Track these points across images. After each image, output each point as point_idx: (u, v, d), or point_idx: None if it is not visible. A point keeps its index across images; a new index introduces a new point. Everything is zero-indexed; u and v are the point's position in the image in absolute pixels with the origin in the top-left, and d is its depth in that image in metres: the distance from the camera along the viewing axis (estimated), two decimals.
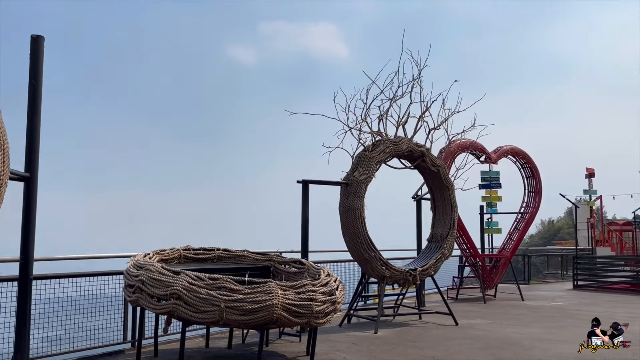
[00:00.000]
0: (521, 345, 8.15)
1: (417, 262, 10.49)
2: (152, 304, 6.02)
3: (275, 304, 5.85)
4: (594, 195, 24.49)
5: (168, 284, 5.87)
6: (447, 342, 8.38)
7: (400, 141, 10.04)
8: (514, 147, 15.25)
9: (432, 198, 11.03)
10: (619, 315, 11.66)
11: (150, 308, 6.11)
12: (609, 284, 18.20)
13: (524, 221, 15.44)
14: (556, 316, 11.47)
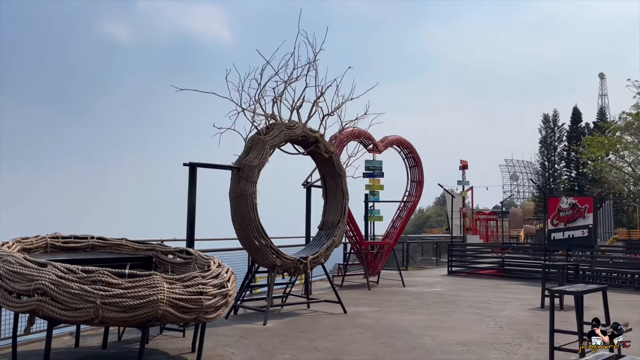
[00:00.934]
0: (410, 333, 8.19)
1: (307, 250, 10.25)
2: (11, 302, 5.13)
3: (161, 299, 5.24)
4: (466, 186, 25.98)
5: (31, 278, 5.02)
6: (338, 332, 8.21)
7: (294, 125, 9.69)
8: (399, 137, 15.55)
9: (324, 185, 10.83)
10: (492, 300, 12.30)
11: (8, 306, 5.22)
12: (479, 270, 19.35)
13: (406, 209, 15.84)
14: (437, 302, 11.82)
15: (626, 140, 40.47)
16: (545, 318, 9.81)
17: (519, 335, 8.14)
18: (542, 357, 6.75)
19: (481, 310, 10.63)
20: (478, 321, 9.42)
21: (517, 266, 19.14)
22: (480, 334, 8.20)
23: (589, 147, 44.82)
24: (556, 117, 67.14)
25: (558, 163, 67.03)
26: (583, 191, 58.76)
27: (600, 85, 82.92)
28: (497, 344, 7.50)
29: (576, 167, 61.93)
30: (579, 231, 16.30)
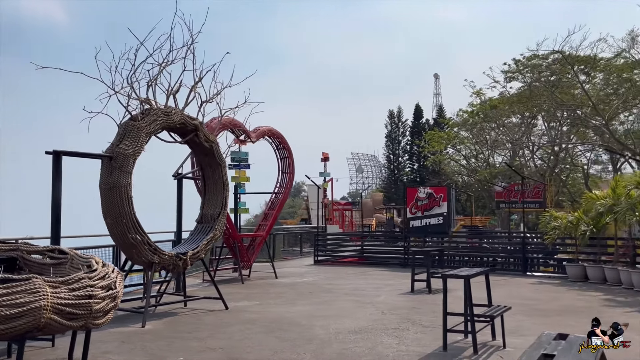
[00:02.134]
0: (300, 325, 8.10)
1: (186, 245, 9.67)
2: None
3: (44, 305, 4.52)
4: (327, 177, 26.63)
5: None
6: (226, 330, 7.84)
7: (172, 112, 9.05)
8: (271, 128, 15.38)
9: (203, 176, 10.31)
10: (364, 287, 12.68)
11: None
12: (342, 258, 19.94)
13: (278, 201, 15.75)
14: (314, 292, 11.89)
15: (462, 136, 44.29)
16: (420, 302, 10.40)
17: (403, 320, 8.43)
18: (432, 339, 7.03)
19: (359, 298, 10.88)
20: (359, 308, 9.62)
21: (375, 253, 20.04)
22: (366, 321, 8.36)
23: (430, 142, 48.44)
24: (400, 114, 71.72)
25: (402, 156, 71.66)
26: (424, 182, 63.54)
27: (435, 84, 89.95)
28: (387, 330, 7.69)
29: (418, 160, 66.66)
30: (435, 219, 17.49)
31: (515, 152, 41.54)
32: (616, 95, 30.68)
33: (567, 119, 35.29)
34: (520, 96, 35.48)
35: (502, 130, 40.48)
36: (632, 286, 11.64)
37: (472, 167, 45.62)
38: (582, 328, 7.50)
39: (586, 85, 33.29)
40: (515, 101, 35.56)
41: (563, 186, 38.49)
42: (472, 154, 45.79)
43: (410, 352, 6.40)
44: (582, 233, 13.11)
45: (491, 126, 40.76)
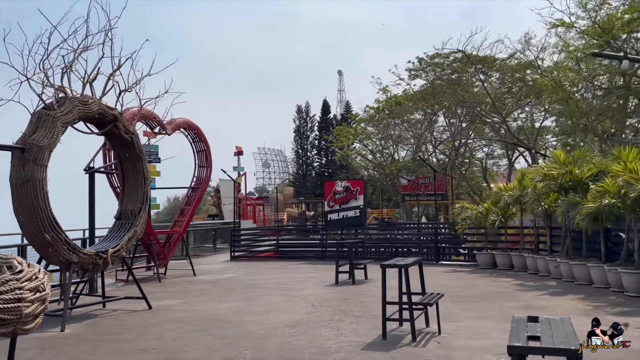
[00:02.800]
0: (232, 322, 7.91)
1: (106, 243, 9.12)
2: None
3: None
4: (241, 171, 26.28)
5: None
6: (155, 330, 7.49)
7: (90, 101, 8.48)
8: (187, 120, 14.87)
9: (121, 170, 9.75)
10: (288, 281, 12.65)
11: None
12: (259, 253, 19.79)
13: (195, 196, 15.29)
14: (238, 288, 11.68)
15: (369, 131, 45.38)
16: (346, 293, 10.53)
17: (335, 312, 8.48)
18: (368, 329, 7.12)
19: (286, 292, 10.82)
20: (289, 302, 9.57)
21: (292, 247, 20.11)
22: (300, 315, 8.32)
23: (339, 137, 49.22)
24: (308, 109, 72.21)
25: (310, 151, 72.24)
26: (332, 177, 64.47)
27: (339, 81, 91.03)
28: (322, 322, 7.69)
29: (326, 155, 67.46)
30: (352, 211, 17.80)
31: (418, 147, 43.19)
32: (510, 93, 32.70)
33: (466, 116, 37.17)
34: (423, 93, 36.88)
35: (405, 126, 41.93)
36: (537, 271, 12.48)
37: (378, 161, 46.85)
38: (507, 311, 7.97)
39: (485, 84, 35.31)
40: (419, 98, 36.92)
41: (462, 179, 40.51)
42: (377, 149, 47.03)
43: (351, 342, 6.44)
44: (491, 223, 13.87)
45: (395, 122, 42.09)
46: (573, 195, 11.05)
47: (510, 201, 13.47)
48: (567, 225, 11.23)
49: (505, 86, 33.70)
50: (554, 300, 9.12)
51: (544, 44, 28.41)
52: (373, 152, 47.37)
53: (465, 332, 6.87)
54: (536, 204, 12.07)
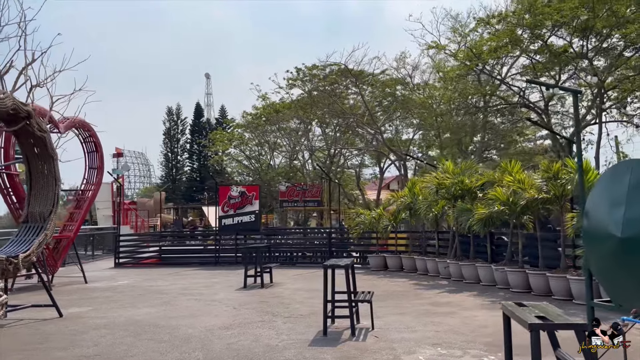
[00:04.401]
0: (162, 326, 7.82)
1: (14, 247, 8.50)
2: None
3: None
4: (120, 174, 25.15)
5: None
6: (84, 337, 7.19)
7: (3, 96, 7.92)
8: (81, 119, 14.07)
9: (28, 170, 9.13)
10: (194, 286, 12.56)
11: None
12: (143, 260, 19.22)
13: (86, 199, 14.52)
14: (145, 294, 11.37)
15: (246, 137, 45.56)
16: (261, 296, 10.81)
17: (261, 313, 8.72)
18: (304, 327, 7.50)
19: (198, 297, 10.77)
20: (209, 306, 9.60)
21: (175, 253, 19.87)
22: (227, 317, 8.44)
23: (216, 142, 48.81)
24: (179, 111, 70.42)
25: (181, 155, 70.49)
26: (204, 181, 63.52)
27: (206, 84, 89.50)
28: (254, 323, 7.90)
29: (199, 159, 66.33)
30: (247, 216, 17.98)
31: (293, 154, 44.27)
32: (381, 106, 34.86)
33: (340, 126, 38.86)
34: (300, 102, 37.94)
35: (281, 134, 42.81)
36: (427, 272, 13.67)
37: (254, 167, 47.11)
38: (419, 307, 8.83)
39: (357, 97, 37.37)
40: (295, 106, 37.89)
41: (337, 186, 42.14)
42: (254, 155, 47.28)
43: (294, 339, 6.76)
44: (384, 227, 14.89)
45: (272, 129, 42.81)
46: (461, 202, 12.35)
47: (402, 207, 14.59)
48: (456, 229, 12.48)
49: (376, 99, 35.88)
50: (454, 297, 10.16)
51: (417, 63, 30.81)
52: (249, 157, 47.55)
53: (394, 326, 7.50)
54: (428, 211, 13.23)
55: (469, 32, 23.54)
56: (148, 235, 24.11)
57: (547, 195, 9.57)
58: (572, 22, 19.35)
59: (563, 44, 21.26)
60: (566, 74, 22.52)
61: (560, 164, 10.00)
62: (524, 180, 10.07)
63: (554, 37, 21.36)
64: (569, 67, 21.86)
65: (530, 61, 22.10)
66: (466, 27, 24.96)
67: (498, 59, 22.01)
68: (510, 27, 20.80)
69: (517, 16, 20.73)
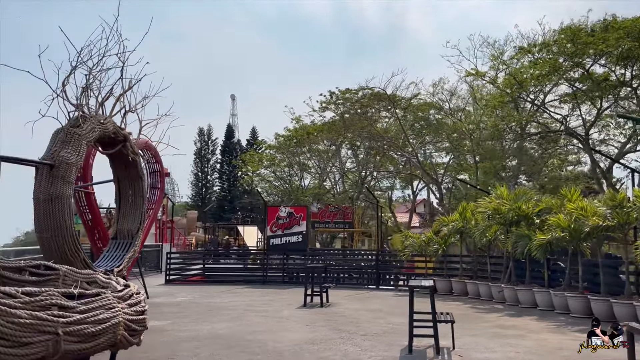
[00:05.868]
0: (249, 340, 8.25)
1: (108, 262, 9.10)
2: None
3: (120, 322, 4.33)
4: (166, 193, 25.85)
5: None
6: (180, 347, 7.66)
7: (106, 121, 8.58)
8: (147, 140, 14.79)
9: (118, 190, 9.78)
10: (255, 304, 13.00)
11: None
12: (190, 277, 19.80)
13: (148, 217, 15.13)
14: (212, 310, 11.82)
15: (278, 158, 46.30)
16: (326, 315, 11.20)
17: (336, 331, 9.10)
18: (386, 346, 7.88)
19: (265, 313, 11.21)
20: (281, 323, 10.02)
21: (219, 271, 20.36)
22: (306, 333, 8.85)
23: (248, 162, 49.65)
24: (210, 132, 71.64)
25: (211, 174, 71.52)
26: (233, 201, 64.32)
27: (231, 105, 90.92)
28: (335, 340, 8.30)
29: (228, 179, 67.21)
30: (295, 237, 18.45)
31: (323, 175, 44.80)
32: (412, 130, 35.26)
33: (371, 149, 39.33)
34: (332, 125, 38.53)
35: (309, 155, 43.43)
36: (478, 295, 13.92)
37: (284, 188, 47.68)
38: (488, 330, 9.13)
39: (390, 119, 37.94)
40: (328, 129, 38.45)
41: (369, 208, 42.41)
42: (284, 175, 47.87)
43: (382, 356, 7.15)
44: (434, 251, 15.22)
45: (302, 150, 43.49)
46: (516, 228, 12.67)
47: (452, 231, 14.93)
48: (511, 254, 12.77)
49: (408, 122, 36.34)
50: (518, 321, 10.43)
51: (455, 88, 31.31)
52: (280, 178, 48.15)
53: (472, 347, 7.84)
54: (482, 235, 13.56)
55: (510, 61, 23.95)
56: (195, 254, 24.72)
57: (611, 223, 9.87)
58: (615, 50, 19.69)
59: (603, 71, 21.58)
60: (608, 102, 22.77)
61: (624, 194, 10.33)
62: (587, 208, 10.38)
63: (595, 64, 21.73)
64: (610, 95, 22.14)
65: (572, 88, 22.44)
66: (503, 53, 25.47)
67: (539, 86, 22.38)
68: (553, 55, 21.21)
69: (559, 45, 21.15)
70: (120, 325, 4.32)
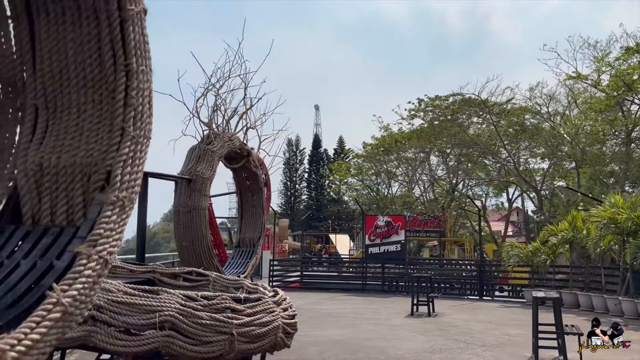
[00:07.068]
0: (369, 347, 8.53)
1: (234, 269, 9.70)
2: (123, 341, 4.01)
3: (279, 325, 4.72)
4: None
5: (152, 308, 4.04)
6: (307, 351, 8.07)
7: (234, 138, 9.20)
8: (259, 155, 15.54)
9: (240, 201, 10.42)
10: (361, 311, 13.28)
11: (117, 347, 4.05)
12: (290, 283, 20.43)
13: None
14: (321, 317, 12.25)
15: (366, 167, 46.53)
16: (436, 324, 11.25)
17: (452, 341, 9.19)
18: (507, 356, 7.86)
19: (375, 321, 11.46)
20: (394, 331, 10.23)
21: (316, 279, 20.80)
22: (423, 342, 9.00)
23: (336, 171, 50.21)
24: (298, 142, 73.15)
25: (299, 183, 72.92)
26: (321, 209, 65.18)
27: (315, 115, 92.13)
28: (453, 349, 8.40)
29: (316, 188, 68.24)
30: (393, 246, 18.58)
31: (411, 183, 44.45)
32: (506, 135, 34.20)
33: (461, 155, 38.61)
34: (421, 132, 38.20)
35: (396, 163, 43.24)
36: (591, 308, 13.41)
37: (371, 196, 47.79)
38: None
39: (482, 125, 37.10)
40: (417, 136, 38.15)
41: (461, 217, 41.62)
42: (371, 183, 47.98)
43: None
44: (542, 261, 14.82)
45: (389, 158, 43.43)
46: (633, 238, 12.13)
47: (561, 241, 14.49)
48: (630, 265, 12.23)
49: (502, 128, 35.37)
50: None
51: (554, 92, 30.23)
52: (368, 187, 48.33)
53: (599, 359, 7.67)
54: (595, 245, 13.08)
55: (616, 62, 22.84)
56: (294, 261, 25.47)
57: None
58: None
59: None
60: None
61: None
62: None
63: None
64: None
65: None
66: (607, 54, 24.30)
67: None
68: None
69: None
70: (279, 328, 4.70)
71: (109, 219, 2.03)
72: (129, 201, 2.17)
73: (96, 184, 2.09)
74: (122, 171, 2.09)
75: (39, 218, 2.13)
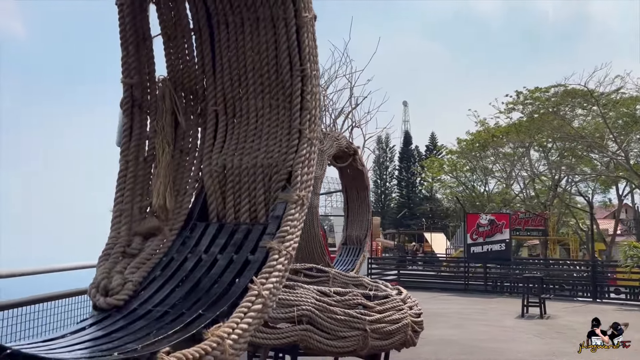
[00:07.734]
0: (485, 348, 8.34)
1: (342, 267, 9.83)
2: (264, 334, 4.21)
3: (408, 323, 4.73)
4: None
5: (290, 303, 4.19)
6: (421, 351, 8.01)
7: (340, 137, 9.32)
8: None
9: (346, 199, 10.54)
10: (465, 312, 12.99)
11: (258, 340, 4.26)
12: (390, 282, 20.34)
13: None
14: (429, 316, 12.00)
15: (461, 163, 45.26)
16: (549, 326, 10.77)
17: (570, 344, 8.73)
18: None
19: (485, 322, 11.19)
20: (507, 332, 9.92)
21: (414, 277, 20.63)
22: (540, 345, 8.68)
23: (428, 168, 49.34)
24: (388, 139, 72.65)
25: (389, 181, 72.49)
26: (412, 208, 64.40)
27: (403, 111, 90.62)
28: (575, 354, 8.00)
29: (407, 186, 67.54)
30: (497, 245, 18.00)
31: (509, 180, 42.68)
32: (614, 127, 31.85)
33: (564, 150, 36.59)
34: (519, 126, 36.54)
35: (496, 159, 41.69)
36: None
37: (466, 194, 46.46)
38: None
39: (587, 117, 34.89)
40: (516, 130, 36.54)
41: (565, 215, 39.51)
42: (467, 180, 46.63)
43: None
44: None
45: (486, 154, 41.99)
46: None
47: None
48: None
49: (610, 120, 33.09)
50: None
51: None
52: (463, 184, 47.03)
53: None
54: None
55: None
56: (390, 259, 25.42)
57: None
58: None
59: None
60: None
61: None
62: None
63: None
64: None
65: None
66: None
67: None
68: None
69: None
70: (409, 325, 4.72)
71: (293, 216, 2.14)
72: (307, 199, 2.28)
73: (278, 184, 2.21)
74: (301, 171, 2.19)
75: (224, 215, 2.28)
